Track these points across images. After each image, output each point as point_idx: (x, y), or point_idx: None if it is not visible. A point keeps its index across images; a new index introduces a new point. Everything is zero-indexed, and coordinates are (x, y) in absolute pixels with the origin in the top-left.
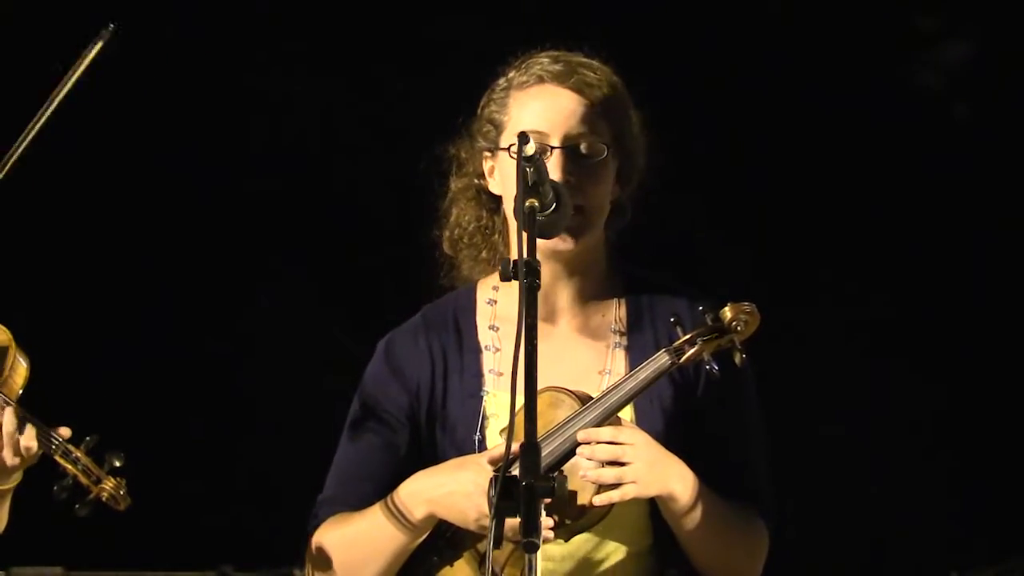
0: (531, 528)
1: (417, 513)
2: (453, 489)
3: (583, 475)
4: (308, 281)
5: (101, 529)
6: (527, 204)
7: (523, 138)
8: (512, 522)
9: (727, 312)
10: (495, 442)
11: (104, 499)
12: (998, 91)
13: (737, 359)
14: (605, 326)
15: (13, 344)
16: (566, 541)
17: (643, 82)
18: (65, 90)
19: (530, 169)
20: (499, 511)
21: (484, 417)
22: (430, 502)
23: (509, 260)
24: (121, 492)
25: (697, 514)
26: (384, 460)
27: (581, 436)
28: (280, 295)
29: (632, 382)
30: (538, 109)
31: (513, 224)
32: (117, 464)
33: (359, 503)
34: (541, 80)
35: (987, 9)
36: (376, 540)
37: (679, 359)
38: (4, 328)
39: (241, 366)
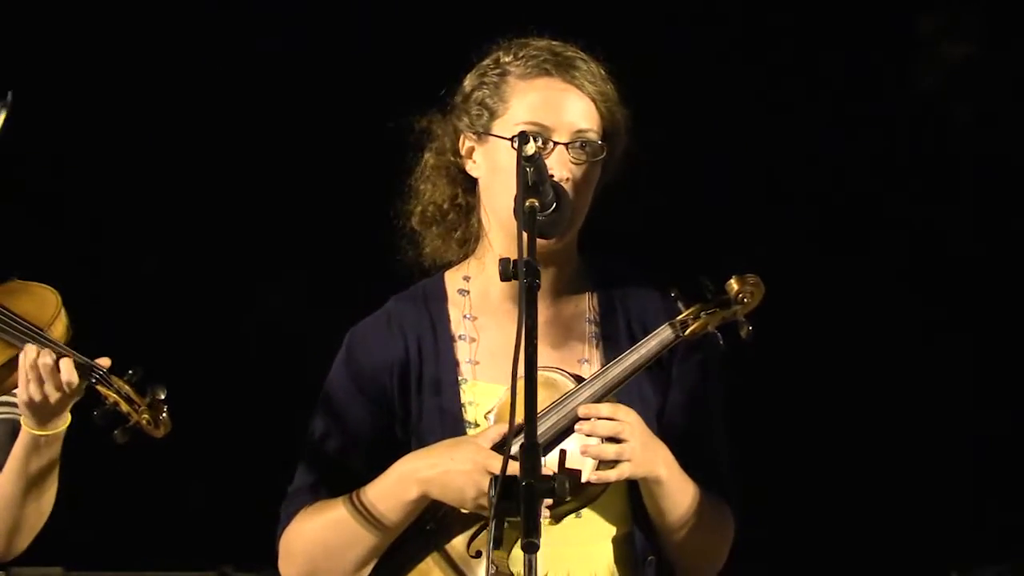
0: (531, 528)
1: (410, 494)
2: (450, 468)
3: (584, 450)
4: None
5: (101, 529)
6: (527, 204)
7: (523, 138)
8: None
9: (733, 284)
10: (480, 427)
11: (144, 425)
12: (998, 91)
13: (743, 332)
14: (579, 316)
15: (62, 308)
16: (556, 523)
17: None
18: None
19: (530, 169)
20: (499, 511)
21: (462, 405)
22: (425, 482)
23: (508, 260)
24: (162, 417)
25: (678, 499)
26: (356, 451)
27: (582, 411)
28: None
29: (635, 355)
30: (542, 103)
31: (493, 210)
32: (160, 396)
33: (333, 493)
34: (546, 73)
35: (987, 9)
36: (362, 524)
37: (683, 332)
38: (54, 290)
39: (241, 366)
